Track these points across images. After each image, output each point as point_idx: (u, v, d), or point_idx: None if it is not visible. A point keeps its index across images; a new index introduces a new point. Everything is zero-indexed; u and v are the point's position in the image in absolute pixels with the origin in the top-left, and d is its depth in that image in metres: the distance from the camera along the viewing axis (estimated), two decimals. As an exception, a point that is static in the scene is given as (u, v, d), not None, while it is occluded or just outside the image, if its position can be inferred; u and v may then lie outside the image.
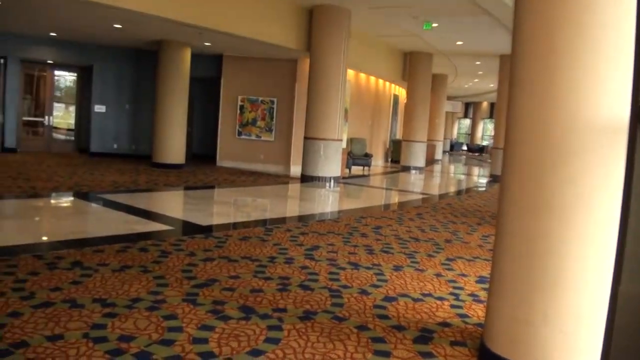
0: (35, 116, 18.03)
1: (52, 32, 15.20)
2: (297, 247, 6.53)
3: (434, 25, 14.53)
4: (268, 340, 3.71)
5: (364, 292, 4.92)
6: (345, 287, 5.03)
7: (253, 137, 16.61)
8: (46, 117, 17.72)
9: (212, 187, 12.07)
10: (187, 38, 14.07)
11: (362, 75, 19.26)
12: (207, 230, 7.32)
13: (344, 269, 5.66)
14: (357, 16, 13.92)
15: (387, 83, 21.99)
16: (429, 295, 4.96)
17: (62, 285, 4.56)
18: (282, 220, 8.54)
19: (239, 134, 16.68)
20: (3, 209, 8.69)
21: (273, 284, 4.96)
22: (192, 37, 13.60)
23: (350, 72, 17.12)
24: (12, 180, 10.70)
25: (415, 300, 4.79)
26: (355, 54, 15.04)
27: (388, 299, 4.78)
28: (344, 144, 15.91)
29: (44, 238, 6.68)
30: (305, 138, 14.02)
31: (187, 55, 15.11)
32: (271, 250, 6.27)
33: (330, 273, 5.46)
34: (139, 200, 9.65)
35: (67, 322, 3.81)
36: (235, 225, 7.88)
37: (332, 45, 13.69)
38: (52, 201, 9.47)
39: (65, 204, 9.52)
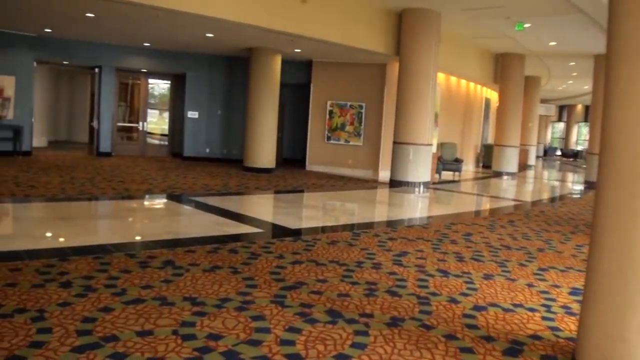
0: (130, 122, 18.94)
1: (146, 42, 15.88)
2: (385, 252, 6.47)
3: (526, 25, 14.06)
4: (354, 345, 3.68)
5: (453, 300, 4.80)
6: (433, 294, 4.93)
7: (342, 142, 16.66)
8: (140, 123, 18.53)
9: (301, 191, 12.18)
10: (278, 45, 14.30)
11: (453, 79, 18.92)
12: (295, 233, 7.38)
13: (432, 276, 5.55)
14: (447, 18, 13.69)
15: (478, 86, 21.49)
16: (520, 305, 4.78)
17: (153, 283, 4.72)
18: (370, 225, 8.50)
19: (328, 138, 16.78)
20: (98, 210, 9.15)
21: (360, 289, 4.93)
22: (283, 44, 13.81)
23: (441, 76, 16.86)
24: (107, 183, 11.21)
25: (505, 310, 4.63)
26: (445, 57, 14.80)
27: (477, 308, 4.64)
28: (434, 149, 15.68)
29: (137, 238, 6.93)
30: (395, 143, 13.92)
31: (278, 61, 15.36)
32: (359, 255, 6.25)
33: (419, 280, 5.37)
34: (229, 203, 9.86)
35: (157, 318, 3.93)
36: (323, 229, 7.88)
37: (422, 48, 13.53)
38: (146, 203, 9.83)
39: (158, 206, 9.86)
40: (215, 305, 4.27)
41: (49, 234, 6.87)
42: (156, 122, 19.73)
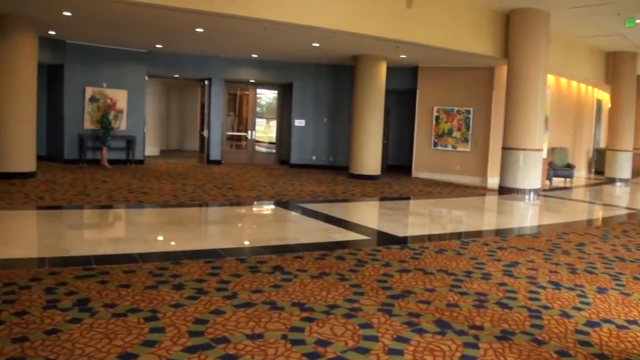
0: (239, 131, 19.59)
1: (254, 53, 16.34)
2: (495, 262, 6.26)
3: (638, 21, 13.20)
4: (464, 357, 3.57)
5: (565, 314, 4.56)
6: (545, 307, 4.70)
7: (449, 148, 16.37)
8: (249, 132, 19.07)
9: (408, 198, 12.06)
10: (383, 52, 14.28)
11: (563, 80, 18.10)
12: (402, 241, 7.31)
13: (544, 288, 5.30)
14: (555, 17, 13.16)
15: (589, 87, 20.41)
16: (635, 322, 4.45)
17: (263, 288, 4.81)
18: (479, 234, 8.28)
19: (435, 144, 16.53)
20: (209, 216, 9.45)
21: (469, 300, 4.79)
22: (388, 50, 13.77)
23: (550, 78, 16.17)
24: (217, 190, 11.59)
25: (619, 327, 4.33)
26: (554, 58, 14.17)
27: (590, 323, 4.36)
28: (544, 154, 15.06)
29: (247, 243, 7.10)
30: (504, 148, 13.51)
31: (383, 68, 15.33)
32: (467, 264, 6.09)
33: (530, 292, 5.14)
34: (336, 210, 9.91)
35: (267, 322, 4.00)
36: (430, 237, 7.75)
37: (531, 50, 13.08)
38: (255, 209, 10.08)
39: (266, 212, 10.08)
40: (324, 312, 4.29)
41: (161, 238, 7.17)
42: (263, 130, 20.22)
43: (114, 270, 5.16)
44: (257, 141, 19.62)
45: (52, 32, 13.74)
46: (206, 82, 17.88)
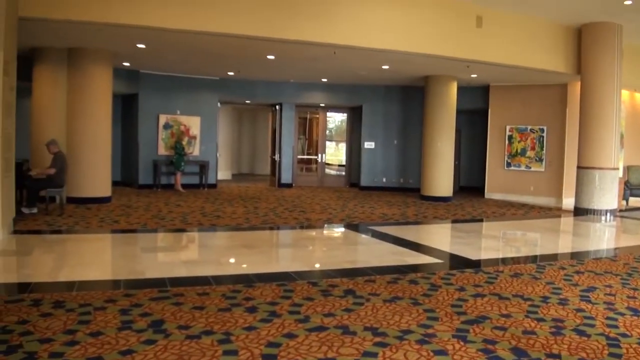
0: (309, 154, 19.74)
1: (324, 77, 16.50)
2: (572, 287, 6.00)
3: None
4: (546, 386, 3.42)
5: (647, 342, 4.32)
6: (623, 335, 4.45)
7: (522, 168, 15.94)
8: (319, 155, 19.19)
9: (481, 220, 11.79)
10: (454, 71, 14.13)
11: (638, 95, 17.31)
12: (476, 264, 7.14)
13: (622, 314, 5.03)
14: (628, 30, 12.71)
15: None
16: None
17: (335, 312, 4.77)
18: (555, 257, 7.97)
19: (508, 165, 16.14)
20: (281, 239, 9.49)
21: (546, 326, 4.60)
22: (459, 70, 13.61)
23: (624, 93, 15.52)
24: (289, 213, 11.67)
25: None
26: (628, 72, 13.60)
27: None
28: (620, 173, 14.44)
29: (318, 266, 7.07)
30: (579, 167, 13.06)
31: (453, 88, 15.14)
32: (544, 289, 5.86)
33: (608, 318, 4.88)
34: (407, 233, 9.79)
35: (339, 347, 3.96)
36: (505, 261, 7.53)
37: (604, 64, 12.68)
38: (325, 232, 10.08)
39: (337, 235, 10.05)
40: (397, 337, 4.21)
41: (234, 261, 7.25)
42: (333, 153, 20.30)
43: (188, 292, 5.24)
44: (327, 164, 19.69)
45: (126, 64, 14.27)
46: (277, 107, 18.13)
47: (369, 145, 17.94)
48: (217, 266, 6.82)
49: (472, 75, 14.54)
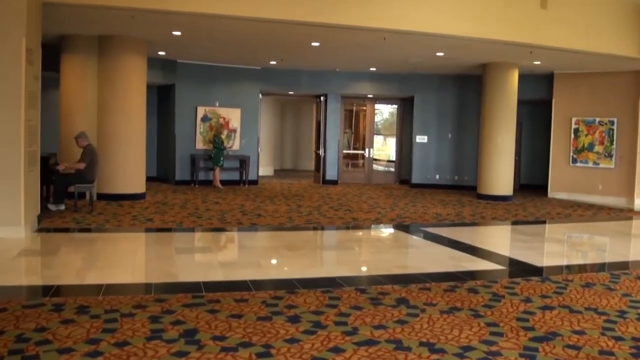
0: (355, 149, 19.56)
1: (372, 66, 16.27)
2: (654, 299, 5.66)
3: None
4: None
5: None
6: None
7: (590, 165, 15.41)
8: (366, 150, 18.96)
9: (544, 222, 11.44)
10: (515, 58, 13.74)
11: None
12: (541, 272, 6.86)
13: None
14: None
15: None
16: None
17: (386, 324, 4.57)
18: (630, 265, 7.58)
19: (573, 161, 15.62)
20: (326, 240, 9.38)
21: (625, 346, 4.28)
22: (520, 56, 13.22)
23: None
24: (334, 212, 11.54)
25: None
26: None
27: None
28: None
29: (367, 271, 6.91)
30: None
31: (514, 77, 14.71)
32: (620, 302, 5.51)
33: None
34: (464, 235, 9.55)
35: (392, 366, 3.75)
36: (573, 268, 7.26)
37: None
38: (374, 233, 9.93)
39: (387, 236, 9.89)
40: (457, 354, 3.97)
41: (275, 264, 7.15)
42: (382, 148, 20.09)
43: (224, 299, 5.13)
44: (375, 159, 19.48)
45: (162, 53, 14.32)
46: (322, 98, 18.02)
47: (421, 139, 17.66)
48: (256, 269, 6.72)
49: (535, 62, 14.11)
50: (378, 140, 19.92)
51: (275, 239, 9.00)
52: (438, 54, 13.31)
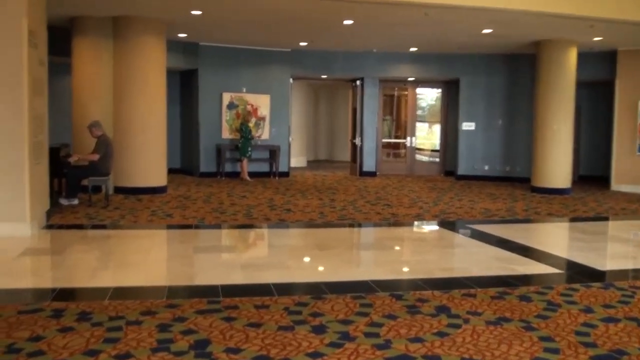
0: (396, 137, 19.46)
1: (413, 46, 16.09)
2: None
3: None
4: None
5: None
6: None
7: (659, 154, 15.05)
8: (408, 138, 18.83)
9: (606, 218, 11.13)
10: (573, 34, 13.43)
11: None
12: (604, 277, 6.57)
13: None
14: None
15: None
16: None
17: (424, 336, 4.35)
18: None
19: (640, 149, 15.27)
20: (360, 238, 9.27)
21: None
22: (580, 31, 12.90)
23: None
24: (371, 207, 11.38)
25: None
26: None
27: None
28: None
29: (405, 274, 6.70)
30: None
31: (572, 55, 14.34)
32: (700, 313, 5.19)
33: None
34: (515, 233, 9.26)
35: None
36: (641, 272, 6.95)
37: None
38: (414, 231, 9.75)
39: (429, 235, 9.72)
40: (505, 375, 3.72)
41: (302, 266, 7.02)
42: (425, 136, 19.95)
43: (243, 305, 4.99)
44: (418, 149, 19.36)
45: (182, 35, 14.34)
46: (358, 82, 17.90)
47: (467, 126, 17.42)
48: (281, 271, 6.57)
49: (596, 38, 13.77)
50: (421, 127, 19.70)
51: (304, 236, 8.94)
52: (485, 31, 13.09)
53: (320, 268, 6.88)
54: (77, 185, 10.59)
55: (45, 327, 4.34)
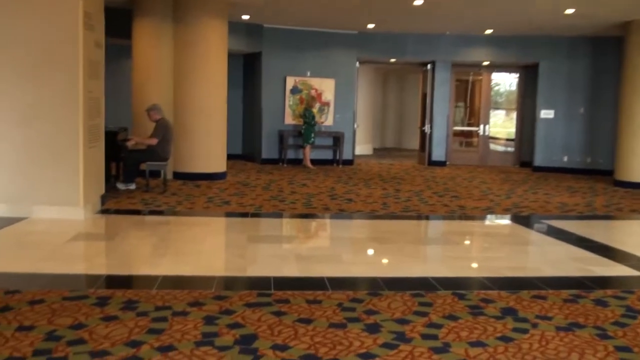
0: (468, 125, 19.15)
1: (488, 28, 15.76)
2: None
3: None
4: None
5: None
6: None
7: None
8: (481, 126, 18.45)
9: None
10: (667, 13, 12.85)
11: None
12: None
13: None
14: None
15: None
16: None
17: (486, 340, 4.16)
18: None
19: None
20: (423, 232, 9.07)
21: None
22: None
23: None
24: (438, 198, 11.22)
25: None
26: None
27: None
28: None
29: (470, 272, 6.49)
30: None
31: (665, 37, 13.78)
32: None
33: None
34: (595, 231, 8.94)
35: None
36: None
37: None
38: (483, 225, 9.52)
39: (499, 230, 9.48)
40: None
41: (360, 259, 6.88)
42: (500, 124, 19.62)
43: (295, 299, 4.91)
44: (492, 138, 19.01)
45: (245, 17, 14.36)
46: (428, 66, 17.62)
47: (546, 114, 16.99)
48: (337, 265, 6.43)
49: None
50: (496, 115, 19.30)
51: (364, 228, 8.83)
52: (567, 11, 12.72)
53: (379, 262, 6.75)
54: (135, 170, 10.74)
55: (88, 315, 4.35)
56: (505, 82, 19.53)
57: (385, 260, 6.81)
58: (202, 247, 7.23)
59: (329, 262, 6.51)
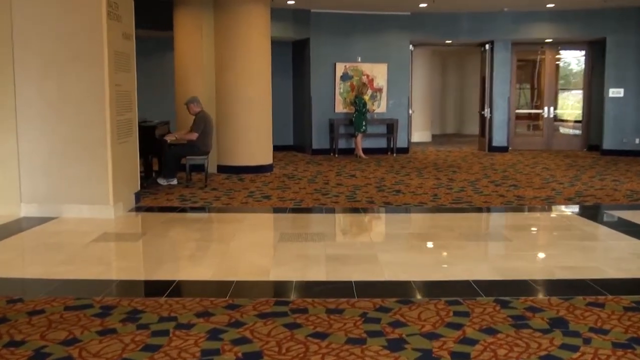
0: (536, 108, 18.51)
1: (550, 2, 15.15)
2: None
3: None
4: None
5: None
6: None
7: None
8: (545, 108, 17.80)
9: None
10: None
11: None
12: None
13: None
14: None
15: None
16: None
17: (527, 359, 3.57)
18: None
19: None
20: (473, 226, 8.39)
21: None
22: None
23: None
24: (494, 188, 10.67)
25: None
26: None
27: None
28: None
29: (517, 274, 5.72)
30: None
31: None
32: None
33: None
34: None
35: None
36: None
37: None
38: (540, 217, 8.88)
39: (556, 223, 8.75)
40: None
41: (395, 260, 6.22)
42: (567, 105, 18.93)
43: (314, 308, 4.45)
44: (559, 120, 18.28)
45: (291, 2, 14.16)
46: (487, 46, 17.02)
47: (615, 93, 16.19)
48: (369, 267, 5.84)
49: None
50: (564, 96, 18.53)
51: (406, 223, 8.38)
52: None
53: (416, 263, 6.10)
54: (176, 165, 10.63)
55: (85, 329, 4.08)
56: (570, 60, 18.82)
57: (422, 260, 6.21)
58: (227, 248, 6.83)
59: (360, 263, 5.96)
